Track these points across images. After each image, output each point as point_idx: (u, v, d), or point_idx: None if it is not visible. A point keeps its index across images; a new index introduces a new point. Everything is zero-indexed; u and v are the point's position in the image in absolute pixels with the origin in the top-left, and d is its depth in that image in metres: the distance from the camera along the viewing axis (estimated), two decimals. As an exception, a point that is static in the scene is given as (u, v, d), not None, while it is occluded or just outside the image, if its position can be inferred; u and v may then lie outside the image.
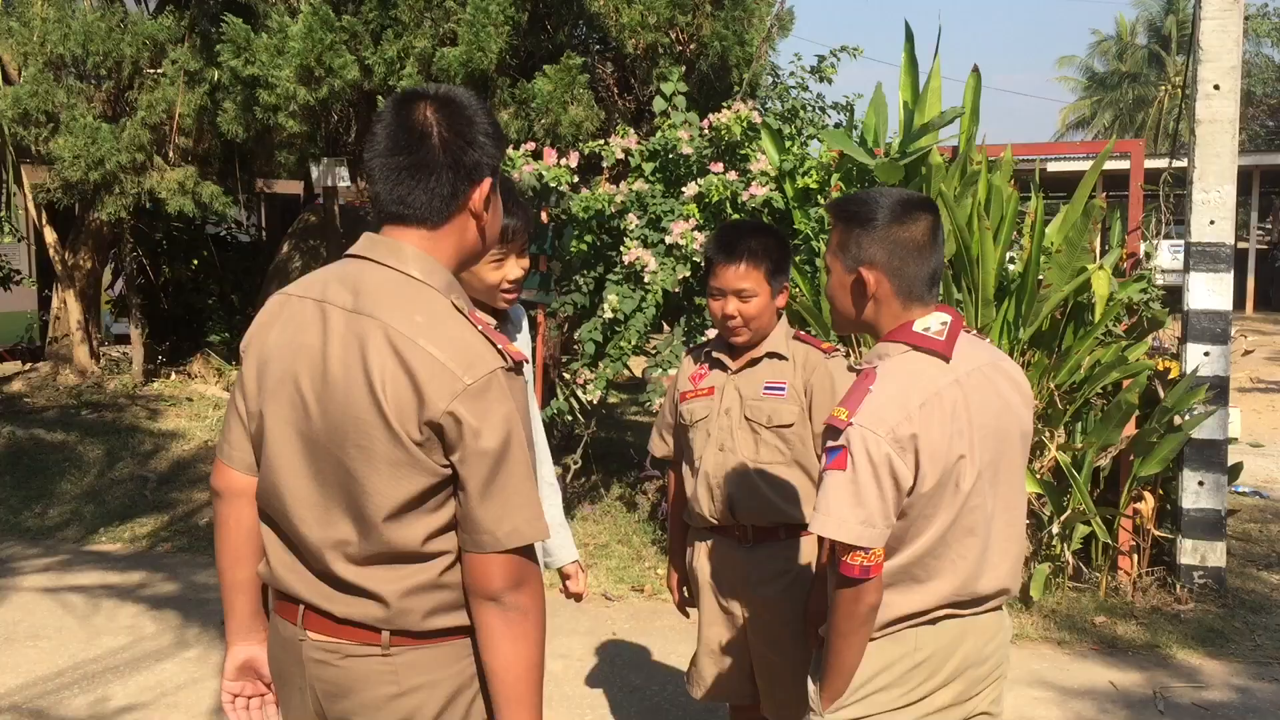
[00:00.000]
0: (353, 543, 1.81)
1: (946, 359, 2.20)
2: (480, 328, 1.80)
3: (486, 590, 1.78)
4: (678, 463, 3.30)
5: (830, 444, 2.13)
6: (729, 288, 2.99)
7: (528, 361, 1.84)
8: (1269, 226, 35.21)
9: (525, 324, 3.08)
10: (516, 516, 1.77)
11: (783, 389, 3.04)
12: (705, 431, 3.11)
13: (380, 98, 8.27)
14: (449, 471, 1.77)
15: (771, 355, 3.07)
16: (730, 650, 3.15)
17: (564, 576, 3.13)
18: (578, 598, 3.15)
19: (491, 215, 1.92)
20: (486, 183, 1.87)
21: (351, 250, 1.91)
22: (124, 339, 11.96)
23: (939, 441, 2.13)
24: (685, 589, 3.33)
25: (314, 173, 9.96)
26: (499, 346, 1.78)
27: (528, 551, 1.80)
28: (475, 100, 1.90)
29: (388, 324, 1.77)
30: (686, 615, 3.39)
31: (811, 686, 2.31)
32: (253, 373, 1.92)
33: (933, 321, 2.23)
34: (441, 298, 1.82)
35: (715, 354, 3.15)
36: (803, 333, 3.17)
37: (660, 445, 3.35)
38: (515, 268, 2.79)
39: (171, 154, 9.59)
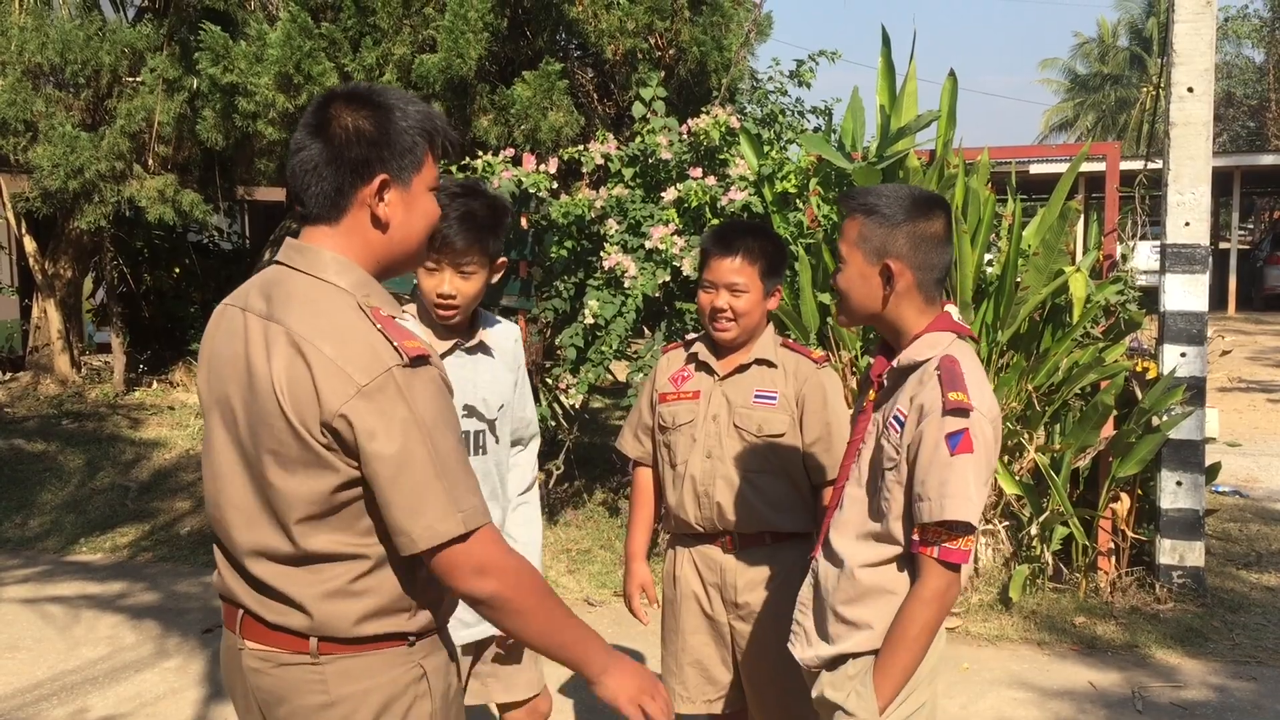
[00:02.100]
0: (272, 547, 1.82)
1: (976, 343, 2.30)
2: (379, 326, 1.76)
3: (457, 590, 1.79)
4: (651, 464, 3.26)
5: (956, 427, 2.14)
6: (721, 281, 2.97)
7: (431, 354, 1.79)
8: (1250, 227, 35.43)
9: (513, 343, 2.98)
10: (429, 514, 1.73)
11: (774, 398, 3.00)
12: (690, 436, 3.06)
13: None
14: (358, 472, 1.76)
15: (761, 362, 3.04)
16: (716, 659, 3.12)
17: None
18: None
19: (400, 213, 1.86)
20: (378, 179, 1.83)
21: (276, 256, 1.91)
22: (105, 348, 11.91)
23: (999, 421, 2.23)
24: (645, 593, 3.24)
25: (294, 180, 9.93)
26: (395, 343, 1.75)
27: (462, 542, 1.74)
28: (396, 95, 1.87)
29: (290, 327, 1.77)
30: (644, 622, 3.27)
31: (850, 693, 2.27)
32: (202, 381, 1.95)
33: (955, 313, 2.32)
34: (348, 297, 1.80)
35: (701, 357, 3.10)
36: (790, 340, 3.16)
37: (635, 445, 3.26)
38: (448, 283, 2.70)
39: (151, 162, 9.55)
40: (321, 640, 1.82)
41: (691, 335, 3.37)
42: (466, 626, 2.84)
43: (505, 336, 2.96)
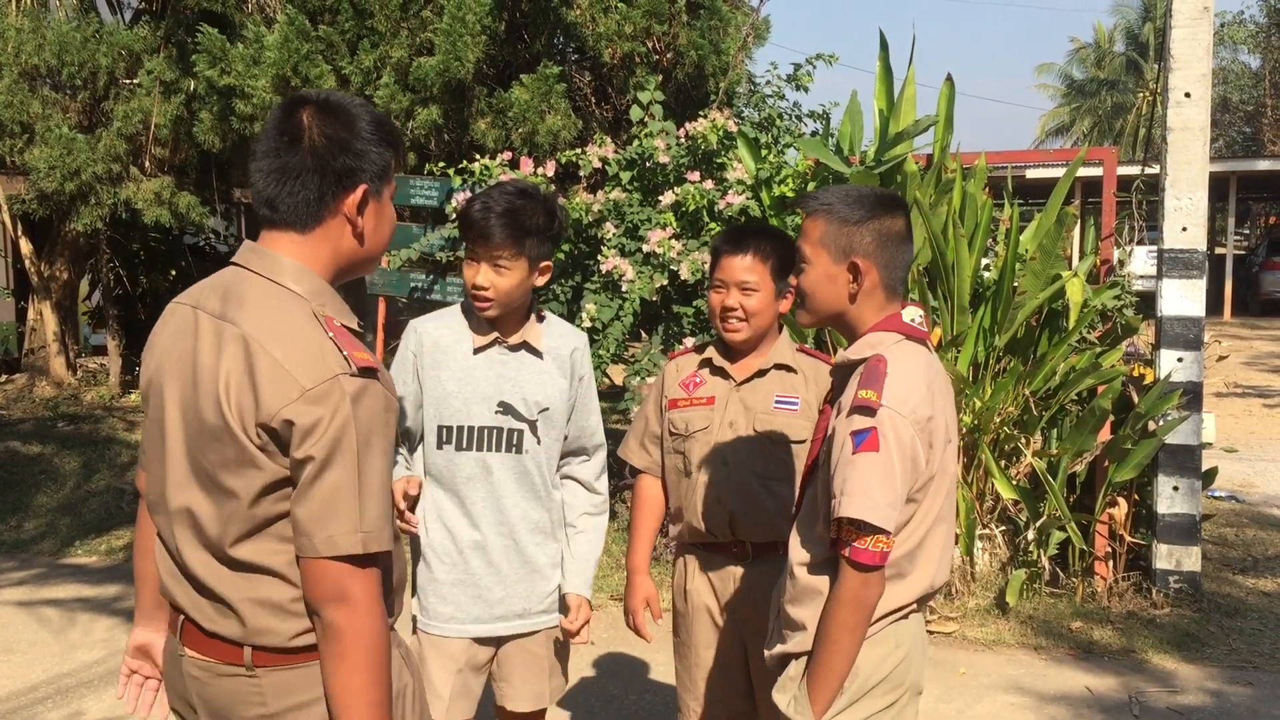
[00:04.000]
0: (209, 548, 1.81)
1: (930, 348, 2.28)
2: (332, 335, 1.78)
3: (309, 600, 1.76)
4: (657, 474, 3.18)
5: (862, 425, 2.11)
6: (732, 279, 2.91)
7: (379, 368, 1.81)
8: (1246, 232, 35.50)
9: (571, 351, 2.93)
10: (334, 524, 1.73)
11: (795, 403, 2.95)
12: (705, 443, 2.99)
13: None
14: (286, 472, 1.76)
15: (780, 367, 2.99)
16: (729, 671, 3.05)
17: (564, 608, 2.96)
18: (570, 634, 2.95)
19: (372, 221, 1.91)
20: (360, 189, 1.86)
21: (234, 258, 1.92)
22: (101, 350, 11.89)
23: (940, 425, 2.19)
24: (649, 608, 3.14)
25: (291, 183, 9.92)
26: (345, 352, 1.77)
27: (355, 565, 1.74)
28: (362, 107, 1.89)
29: (244, 330, 1.77)
30: (648, 639, 3.13)
31: (791, 697, 2.26)
32: (145, 380, 1.94)
33: (915, 314, 2.29)
34: (303, 304, 1.82)
35: (715, 362, 3.04)
36: (806, 346, 3.12)
37: (642, 455, 3.17)
38: (482, 275, 2.74)
39: (148, 164, 9.54)
40: (255, 650, 1.80)
41: (690, 340, 3.33)
42: (479, 623, 2.85)
43: (564, 343, 2.94)
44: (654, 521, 3.18)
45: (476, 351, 2.82)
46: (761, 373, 2.99)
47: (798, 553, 2.30)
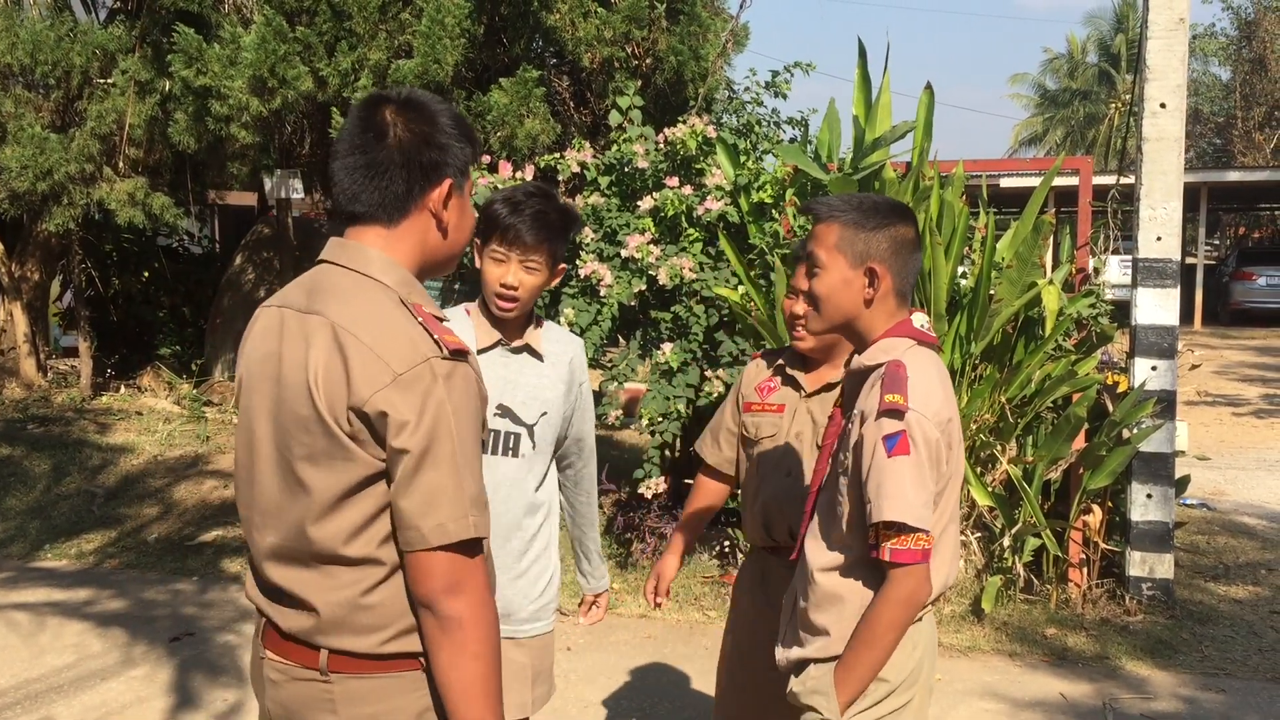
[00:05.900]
0: (291, 547, 1.79)
1: (940, 352, 2.31)
2: (421, 319, 1.77)
3: (420, 595, 1.72)
4: (720, 470, 3.19)
5: (892, 429, 2.15)
6: (801, 287, 2.95)
7: (469, 351, 1.79)
8: (1216, 242, 35.84)
9: (570, 359, 2.95)
10: (443, 511, 1.69)
11: None
12: (771, 451, 3.01)
13: (334, 109, 8.20)
14: (382, 465, 1.73)
15: None
16: (758, 653, 3.00)
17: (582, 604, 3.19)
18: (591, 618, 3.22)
19: (456, 216, 1.90)
20: (447, 183, 1.86)
21: (321, 255, 1.91)
22: (72, 352, 11.77)
23: (956, 427, 2.24)
24: (659, 583, 3.18)
25: (267, 185, 9.87)
26: (435, 336, 1.75)
27: (464, 552, 1.71)
28: (440, 103, 1.90)
29: (330, 318, 1.76)
30: (657, 605, 3.23)
31: (813, 687, 2.28)
32: (236, 388, 1.94)
33: (923, 320, 2.33)
34: (390, 292, 1.81)
35: (789, 370, 3.05)
36: None
37: (714, 451, 3.18)
38: (512, 274, 2.75)
39: (121, 165, 9.45)
40: (332, 654, 1.78)
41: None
42: None
43: (564, 349, 2.94)
44: (703, 508, 3.22)
45: (480, 352, 2.82)
46: (830, 386, 2.98)
47: (817, 558, 2.33)
